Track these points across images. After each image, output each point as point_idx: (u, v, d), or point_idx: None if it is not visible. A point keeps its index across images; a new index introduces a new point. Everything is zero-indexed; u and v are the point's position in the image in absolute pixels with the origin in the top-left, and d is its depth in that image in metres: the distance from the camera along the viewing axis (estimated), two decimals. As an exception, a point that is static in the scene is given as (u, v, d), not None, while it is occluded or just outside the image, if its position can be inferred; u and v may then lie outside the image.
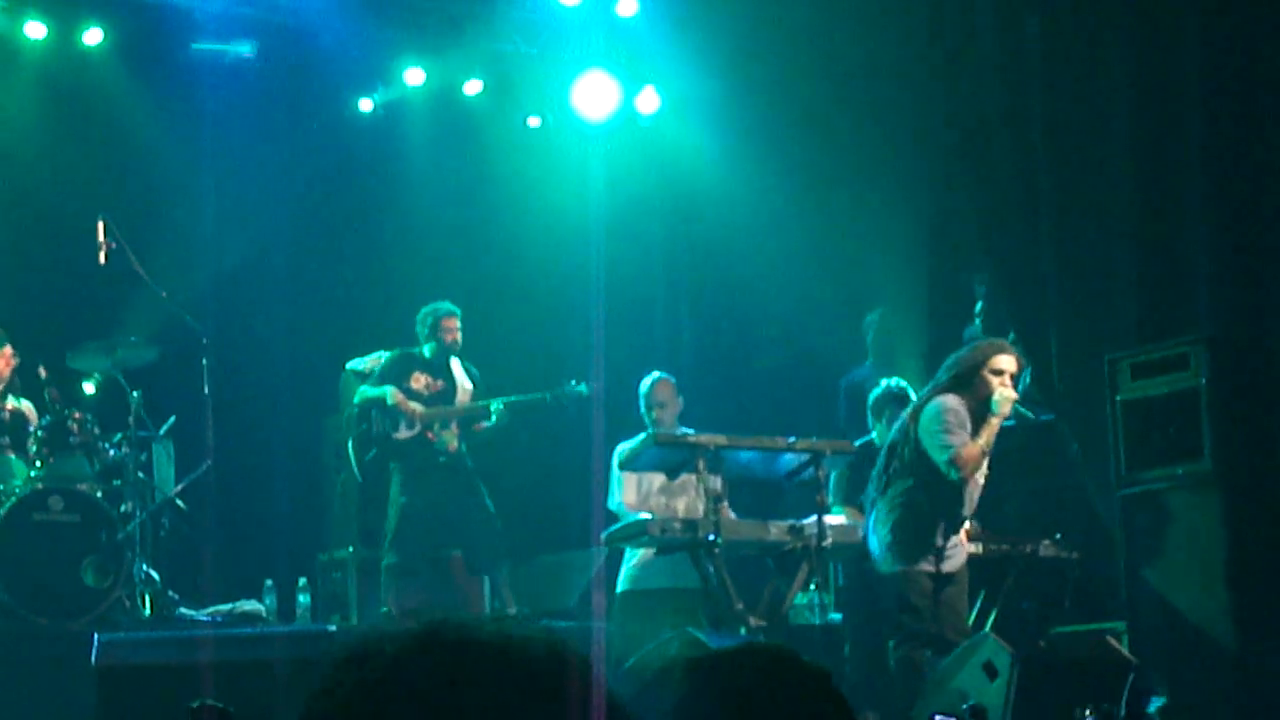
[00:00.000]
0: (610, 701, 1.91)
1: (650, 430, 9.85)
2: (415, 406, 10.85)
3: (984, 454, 8.44)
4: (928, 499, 8.47)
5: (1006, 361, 8.54)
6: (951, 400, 8.46)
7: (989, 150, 10.20)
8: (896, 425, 8.79)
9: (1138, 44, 9.51)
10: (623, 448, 10.03)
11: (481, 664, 1.87)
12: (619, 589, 10.24)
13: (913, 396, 9.23)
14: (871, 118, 11.44)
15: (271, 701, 8.29)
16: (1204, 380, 8.63)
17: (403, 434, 10.85)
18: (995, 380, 8.46)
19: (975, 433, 8.41)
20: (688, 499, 10.00)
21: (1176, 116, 9.35)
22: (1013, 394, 8.52)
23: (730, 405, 11.08)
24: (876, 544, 8.61)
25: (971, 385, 8.48)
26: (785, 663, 2.77)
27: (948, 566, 8.51)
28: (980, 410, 8.45)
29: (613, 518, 10.05)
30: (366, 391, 10.97)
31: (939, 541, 8.46)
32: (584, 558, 11.12)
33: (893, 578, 8.56)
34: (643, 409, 10.38)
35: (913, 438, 8.53)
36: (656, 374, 10.53)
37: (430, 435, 10.86)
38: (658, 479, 10.08)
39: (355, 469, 11.13)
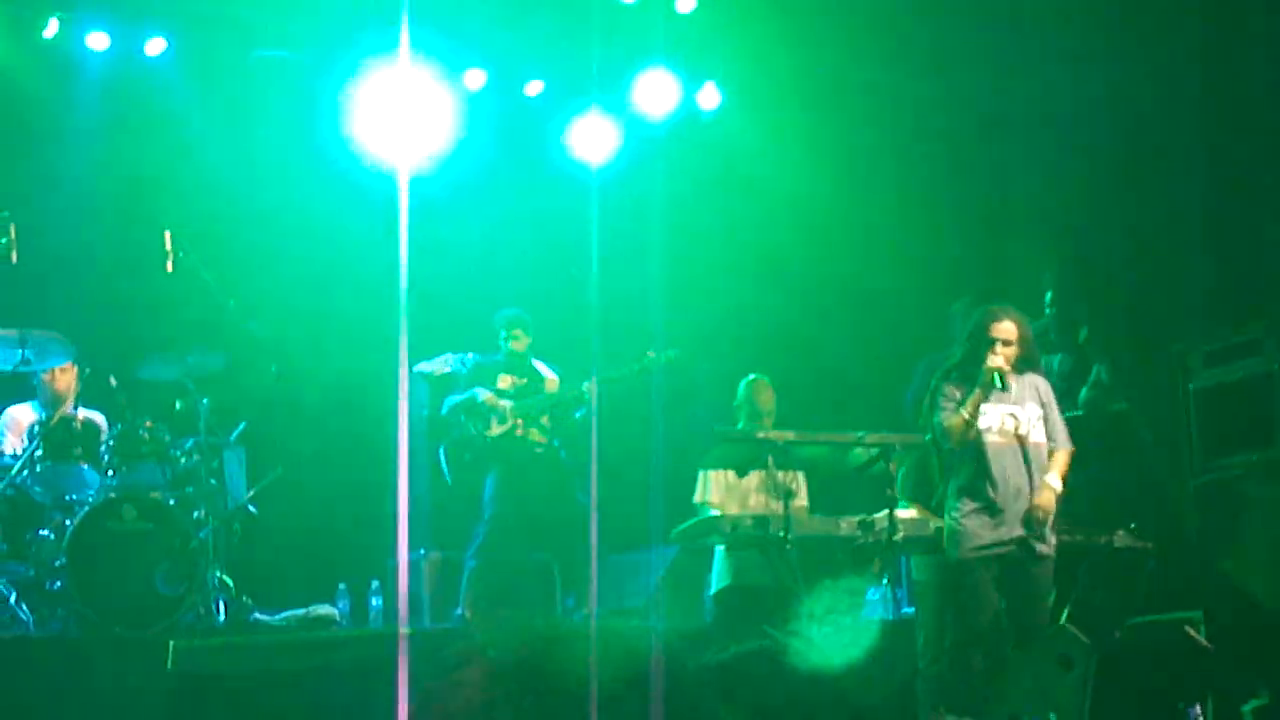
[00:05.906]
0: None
1: (715, 428, 9.78)
2: (505, 402, 10.89)
3: (967, 424, 8.32)
4: (967, 477, 8.37)
5: (1004, 330, 8.40)
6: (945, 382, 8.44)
7: (1059, 140, 10.12)
8: None
9: (1208, 31, 9.42)
10: None
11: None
12: (718, 585, 10.12)
13: None
14: (937, 108, 11.38)
15: (346, 703, 8.35)
16: (1278, 365, 8.53)
17: (494, 430, 10.89)
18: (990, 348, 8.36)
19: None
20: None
21: (1246, 101, 9.26)
22: (999, 363, 8.36)
23: (800, 399, 11.01)
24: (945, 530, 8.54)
25: (979, 357, 8.38)
26: None
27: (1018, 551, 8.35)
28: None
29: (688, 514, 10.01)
30: (453, 399, 11.01)
31: (991, 522, 8.31)
32: (651, 556, 11.08)
33: (957, 565, 8.45)
34: (747, 412, 10.26)
35: None
36: (754, 375, 10.49)
37: (520, 430, 10.88)
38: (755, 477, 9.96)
39: (447, 473, 11.09)
